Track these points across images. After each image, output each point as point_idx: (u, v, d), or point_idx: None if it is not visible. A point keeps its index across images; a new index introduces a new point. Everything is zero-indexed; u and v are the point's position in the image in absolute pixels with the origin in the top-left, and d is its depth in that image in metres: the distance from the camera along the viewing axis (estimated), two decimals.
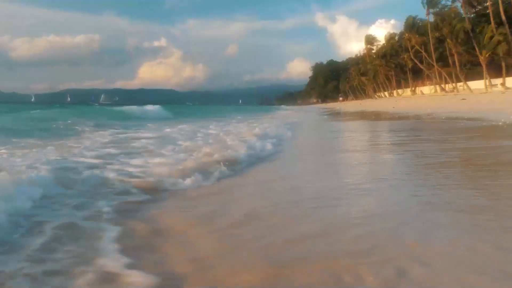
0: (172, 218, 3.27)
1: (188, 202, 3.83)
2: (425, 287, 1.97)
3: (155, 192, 4.09)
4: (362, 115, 26.81)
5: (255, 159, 6.27)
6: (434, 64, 55.34)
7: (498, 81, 44.16)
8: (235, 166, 5.49)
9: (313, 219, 3.15)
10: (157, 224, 3.10)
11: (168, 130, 12.63)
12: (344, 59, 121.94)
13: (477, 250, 2.36)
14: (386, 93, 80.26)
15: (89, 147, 7.61)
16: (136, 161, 5.62)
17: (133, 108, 27.90)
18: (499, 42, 41.25)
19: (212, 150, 6.33)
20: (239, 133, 10.69)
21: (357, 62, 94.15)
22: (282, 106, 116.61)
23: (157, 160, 5.78)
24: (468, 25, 46.45)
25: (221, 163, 5.28)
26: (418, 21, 61.85)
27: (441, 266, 2.17)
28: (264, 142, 7.93)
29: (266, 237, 2.77)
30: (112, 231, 2.80)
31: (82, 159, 5.84)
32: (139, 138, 9.58)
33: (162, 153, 6.63)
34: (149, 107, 31.21)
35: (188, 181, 4.43)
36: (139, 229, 2.94)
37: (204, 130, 12.88)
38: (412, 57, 60.96)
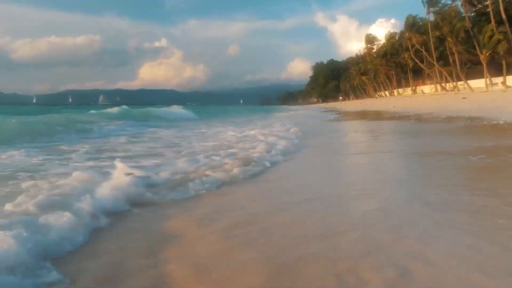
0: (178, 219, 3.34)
1: (193, 203, 3.86)
2: (428, 287, 1.98)
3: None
4: (364, 115, 26.80)
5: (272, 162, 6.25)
6: (435, 63, 55.33)
7: (499, 79, 44.15)
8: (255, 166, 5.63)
9: (314, 220, 3.16)
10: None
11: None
12: (345, 59, 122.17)
13: (480, 249, 2.37)
14: (386, 92, 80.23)
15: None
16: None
17: (159, 110, 26.99)
18: (499, 41, 41.26)
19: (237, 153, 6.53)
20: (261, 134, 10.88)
21: (357, 62, 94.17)
22: (285, 106, 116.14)
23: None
24: (468, 24, 46.46)
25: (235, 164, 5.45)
26: (418, 20, 61.91)
27: (444, 265, 2.18)
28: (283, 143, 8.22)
29: (267, 238, 2.79)
30: None
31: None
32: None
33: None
34: (175, 108, 30.93)
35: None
36: None
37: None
38: (413, 56, 60.95)
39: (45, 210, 2.98)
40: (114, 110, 20.87)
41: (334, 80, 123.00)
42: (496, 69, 44.52)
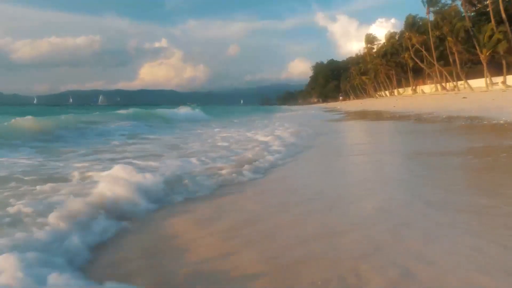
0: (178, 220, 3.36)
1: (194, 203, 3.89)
2: (429, 287, 1.99)
3: None
4: (364, 115, 26.76)
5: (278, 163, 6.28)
6: (435, 62, 55.31)
7: (499, 79, 44.11)
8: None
9: (315, 220, 3.18)
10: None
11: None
12: (345, 59, 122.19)
13: (480, 249, 2.37)
14: (387, 92, 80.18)
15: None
16: None
17: (168, 110, 26.05)
18: (499, 41, 41.24)
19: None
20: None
21: (357, 62, 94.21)
22: (285, 106, 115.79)
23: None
24: (468, 24, 46.46)
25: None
26: (418, 20, 61.86)
27: (444, 265, 2.19)
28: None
29: (267, 238, 2.80)
30: None
31: None
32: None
33: None
34: (183, 109, 30.23)
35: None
36: None
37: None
38: (413, 56, 60.91)
39: (52, 211, 3.00)
40: (123, 111, 20.71)
41: (334, 80, 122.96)
42: (496, 68, 44.50)
